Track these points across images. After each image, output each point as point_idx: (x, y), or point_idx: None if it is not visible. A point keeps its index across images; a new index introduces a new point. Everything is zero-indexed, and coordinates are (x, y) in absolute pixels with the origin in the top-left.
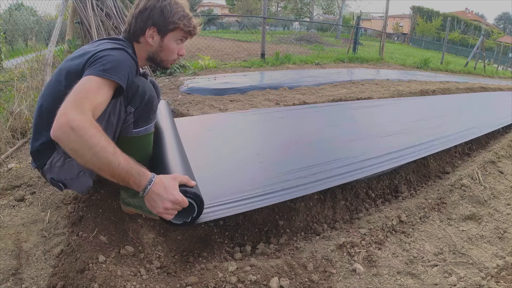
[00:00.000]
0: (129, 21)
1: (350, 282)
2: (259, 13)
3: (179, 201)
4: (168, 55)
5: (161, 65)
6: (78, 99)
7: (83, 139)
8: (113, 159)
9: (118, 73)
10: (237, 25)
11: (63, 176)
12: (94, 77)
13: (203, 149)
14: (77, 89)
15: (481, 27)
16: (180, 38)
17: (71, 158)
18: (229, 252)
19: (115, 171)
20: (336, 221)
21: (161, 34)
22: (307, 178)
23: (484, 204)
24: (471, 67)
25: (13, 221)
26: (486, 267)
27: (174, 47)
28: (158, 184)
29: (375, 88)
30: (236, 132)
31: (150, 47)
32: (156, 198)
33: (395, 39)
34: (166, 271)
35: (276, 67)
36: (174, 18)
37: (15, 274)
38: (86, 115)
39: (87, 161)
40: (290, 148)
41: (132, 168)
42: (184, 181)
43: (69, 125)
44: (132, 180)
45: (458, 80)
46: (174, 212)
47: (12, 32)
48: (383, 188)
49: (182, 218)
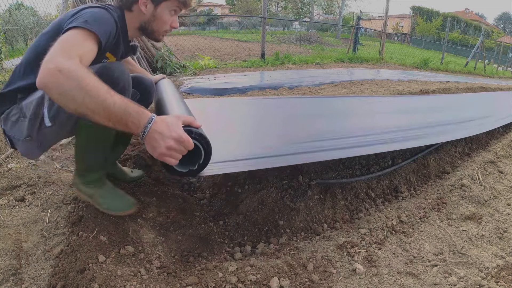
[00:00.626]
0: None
1: (350, 282)
2: (259, 13)
3: (183, 139)
4: (161, 26)
5: (152, 36)
6: (64, 47)
7: (73, 79)
8: (108, 97)
9: (99, 27)
10: (237, 25)
11: (12, 133)
12: (77, 29)
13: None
14: (62, 39)
15: (481, 27)
16: (174, 8)
17: (25, 118)
18: (229, 252)
19: (111, 111)
20: (336, 221)
21: (154, 3)
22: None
23: (484, 204)
24: (471, 67)
25: (13, 221)
26: (486, 267)
27: (167, 18)
28: (159, 122)
29: (375, 88)
30: (252, 110)
31: (143, 15)
32: (157, 137)
33: (395, 39)
34: (166, 271)
35: (276, 67)
36: None
37: (15, 274)
38: (75, 59)
39: (80, 103)
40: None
41: (130, 106)
42: (189, 121)
43: (58, 68)
44: (130, 120)
45: (458, 80)
46: (178, 154)
47: (12, 32)
48: (383, 188)
49: (187, 166)
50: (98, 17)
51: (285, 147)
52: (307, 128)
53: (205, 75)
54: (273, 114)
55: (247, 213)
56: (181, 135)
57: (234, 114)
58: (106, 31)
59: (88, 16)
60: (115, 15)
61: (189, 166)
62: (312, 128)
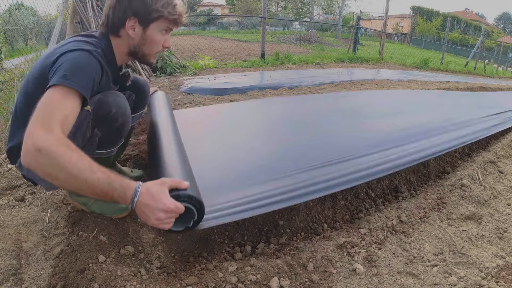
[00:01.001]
0: (106, 13)
1: (350, 282)
2: (259, 13)
3: (171, 209)
4: (151, 48)
5: (143, 59)
6: (42, 116)
7: (52, 160)
8: (90, 175)
9: (79, 80)
10: (237, 25)
11: (30, 176)
12: (57, 87)
13: (208, 141)
14: (41, 104)
15: (481, 27)
16: (165, 28)
17: None
18: (229, 252)
19: (96, 187)
20: (336, 221)
21: (143, 25)
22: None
23: (484, 204)
24: (471, 67)
25: (13, 221)
26: (486, 267)
27: (158, 39)
28: (145, 194)
29: (375, 88)
30: (244, 123)
31: (132, 40)
32: (145, 210)
33: (395, 39)
34: (166, 271)
35: (276, 67)
36: (157, 6)
37: (15, 274)
38: (53, 132)
39: (63, 182)
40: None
41: (114, 181)
42: (175, 185)
43: (35, 147)
44: (116, 194)
45: (458, 80)
46: (170, 220)
47: (12, 32)
48: (383, 188)
49: (183, 223)
50: (78, 66)
51: (293, 180)
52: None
53: (205, 75)
54: (278, 129)
55: None
56: (168, 205)
57: (232, 131)
58: (89, 81)
59: (68, 67)
60: (99, 52)
61: (185, 223)
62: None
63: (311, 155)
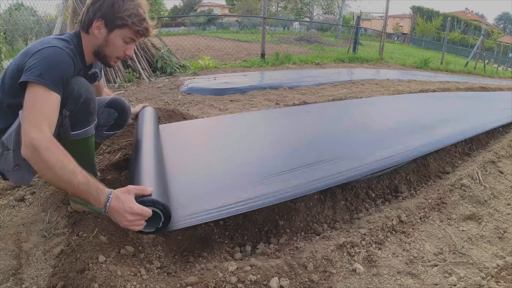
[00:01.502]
0: (83, 11)
1: (350, 282)
2: (259, 13)
3: (138, 212)
4: (112, 51)
5: (104, 61)
6: (32, 116)
7: (43, 159)
8: (73, 178)
9: (53, 78)
10: (237, 25)
11: (0, 166)
12: (36, 86)
13: (196, 153)
14: (28, 104)
15: (481, 27)
16: (129, 37)
17: (8, 150)
18: (229, 252)
19: (76, 189)
20: (336, 221)
21: (108, 28)
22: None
23: (484, 204)
24: (471, 67)
25: (13, 221)
26: (486, 267)
27: (119, 45)
28: (114, 200)
29: (375, 88)
30: (232, 135)
31: (97, 39)
32: (115, 214)
33: (395, 39)
34: (166, 271)
35: (276, 67)
36: (123, 14)
37: (15, 274)
38: (44, 132)
39: (50, 179)
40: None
41: (91, 186)
42: (139, 192)
43: (32, 144)
44: (92, 198)
45: (458, 80)
46: (140, 223)
47: (12, 32)
48: (383, 188)
49: (153, 225)
50: (52, 63)
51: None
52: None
53: (205, 75)
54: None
55: (247, 213)
56: (135, 209)
57: (222, 137)
58: (62, 76)
59: (43, 65)
60: (71, 48)
61: (155, 225)
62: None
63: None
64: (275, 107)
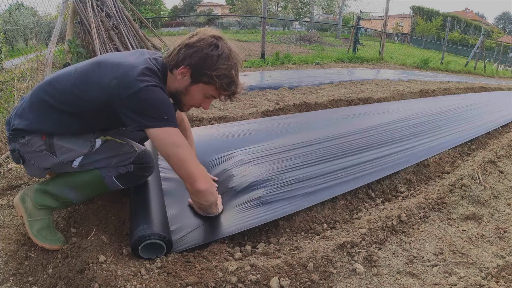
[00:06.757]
0: (175, 47)
1: (350, 282)
2: (259, 13)
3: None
4: (189, 101)
5: (178, 105)
6: (188, 170)
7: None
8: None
9: (173, 116)
10: (237, 25)
11: (29, 157)
12: (169, 129)
13: None
14: (175, 157)
15: (481, 27)
16: (211, 94)
17: (54, 155)
18: (229, 252)
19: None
20: (336, 221)
21: (192, 79)
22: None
23: (484, 204)
24: (471, 67)
25: (13, 221)
26: (486, 267)
27: (198, 98)
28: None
29: (375, 88)
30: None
31: (178, 84)
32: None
33: (395, 39)
34: (166, 271)
35: (276, 67)
36: (213, 73)
37: (15, 274)
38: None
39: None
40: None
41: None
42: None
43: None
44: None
45: (458, 80)
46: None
47: (12, 32)
48: (383, 188)
49: (155, 254)
50: (165, 104)
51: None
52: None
53: None
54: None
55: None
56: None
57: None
58: (174, 114)
59: (161, 109)
60: (164, 88)
61: (156, 253)
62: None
63: None
64: (275, 107)
